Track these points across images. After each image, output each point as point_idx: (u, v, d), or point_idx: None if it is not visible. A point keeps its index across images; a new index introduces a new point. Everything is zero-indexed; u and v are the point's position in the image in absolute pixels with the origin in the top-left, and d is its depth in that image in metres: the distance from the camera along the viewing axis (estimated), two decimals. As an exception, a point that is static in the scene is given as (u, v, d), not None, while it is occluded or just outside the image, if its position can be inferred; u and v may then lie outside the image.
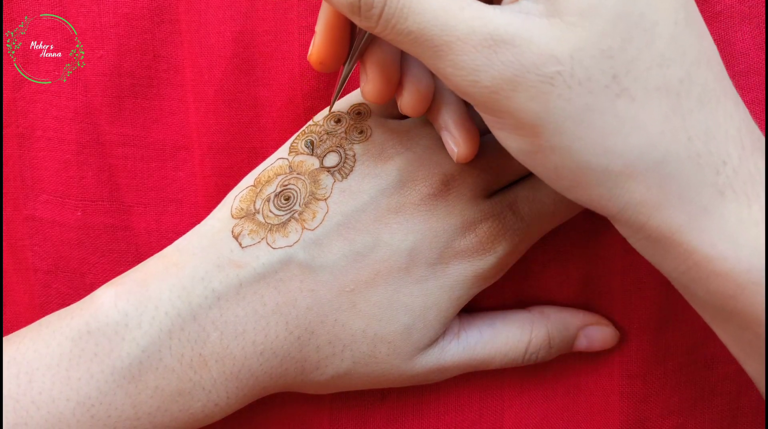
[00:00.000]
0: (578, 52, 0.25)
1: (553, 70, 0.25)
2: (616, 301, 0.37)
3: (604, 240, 0.37)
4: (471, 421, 0.38)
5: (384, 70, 0.31)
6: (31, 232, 0.37)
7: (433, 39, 0.26)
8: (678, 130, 0.26)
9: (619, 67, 0.25)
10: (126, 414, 0.30)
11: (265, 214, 0.32)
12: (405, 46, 0.27)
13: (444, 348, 0.34)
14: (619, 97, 0.25)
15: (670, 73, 0.26)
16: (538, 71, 0.25)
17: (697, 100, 0.26)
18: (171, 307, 0.31)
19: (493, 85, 0.26)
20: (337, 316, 0.32)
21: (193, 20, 0.36)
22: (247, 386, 0.32)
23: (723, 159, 0.26)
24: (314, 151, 0.33)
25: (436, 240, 0.32)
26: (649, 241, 0.27)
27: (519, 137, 0.27)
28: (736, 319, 0.27)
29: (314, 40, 0.31)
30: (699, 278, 0.26)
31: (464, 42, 0.25)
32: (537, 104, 0.25)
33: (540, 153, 0.27)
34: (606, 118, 0.25)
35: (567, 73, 0.25)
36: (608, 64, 0.25)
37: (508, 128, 0.27)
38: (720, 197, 0.26)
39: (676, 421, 0.37)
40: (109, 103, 0.36)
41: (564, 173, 0.27)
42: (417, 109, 0.31)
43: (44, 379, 0.30)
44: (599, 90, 0.25)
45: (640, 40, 0.25)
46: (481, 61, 0.25)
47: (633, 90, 0.25)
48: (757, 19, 0.35)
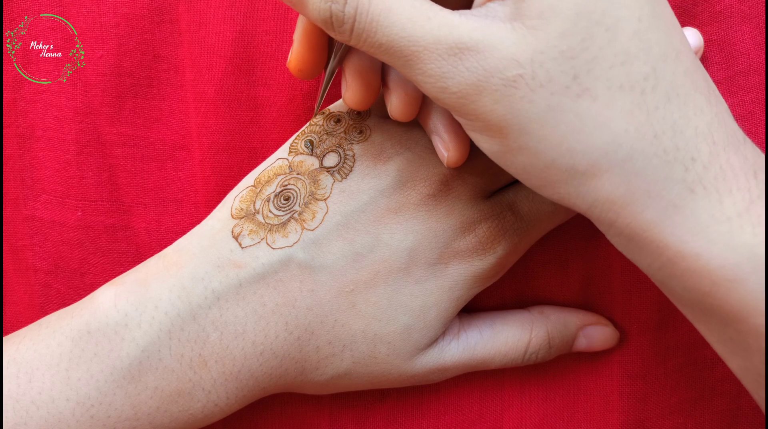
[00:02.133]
0: (538, 54, 0.25)
1: (514, 73, 0.26)
2: (616, 301, 0.37)
3: (604, 240, 0.37)
4: (471, 421, 0.38)
5: (363, 76, 0.31)
6: (31, 232, 0.37)
7: (402, 50, 0.27)
8: (643, 127, 0.26)
9: (580, 67, 0.25)
10: (125, 414, 0.30)
11: (265, 215, 0.32)
12: (378, 56, 0.28)
13: (444, 348, 0.34)
14: (580, 96, 0.26)
15: (633, 70, 0.26)
16: (500, 75, 0.26)
17: (664, 96, 0.26)
18: (171, 307, 0.31)
19: (460, 90, 0.26)
20: (337, 316, 0.32)
21: (193, 20, 0.36)
22: (247, 387, 0.32)
23: (692, 155, 0.26)
24: (314, 151, 0.33)
25: (435, 240, 0.32)
26: (621, 237, 0.27)
27: (489, 138, 0.27)
28: (715, 316, 0.27)
29: (293, 48, 0.32)
30: (674, 275, 0.27)
31: (431, 51, 0.26)
32: (502, 107, 0.26)
33: (509, 153, 0.27)
34: (569, 118, 0.26)
35: (528, 76, 0.26)
36: (569, 64, 0.25)
37: (478, 130, 0.28)
38: (690, 194, 0.26)
39: (676, 421, 0.37)
40: (109, 103, 0.36)
41: (533, 172, 0.27)
42: (406, 114, 0.32)
43: (44, 379, 0.30)
44: (560, 91, 0.26)
45: (601, 38, 0.25)
46: (447, 68, 0.26)
47: (594, 89, 0.26)
48: (757, 19, 0.35)
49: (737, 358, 0.28)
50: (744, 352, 0.27)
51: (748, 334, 0.26)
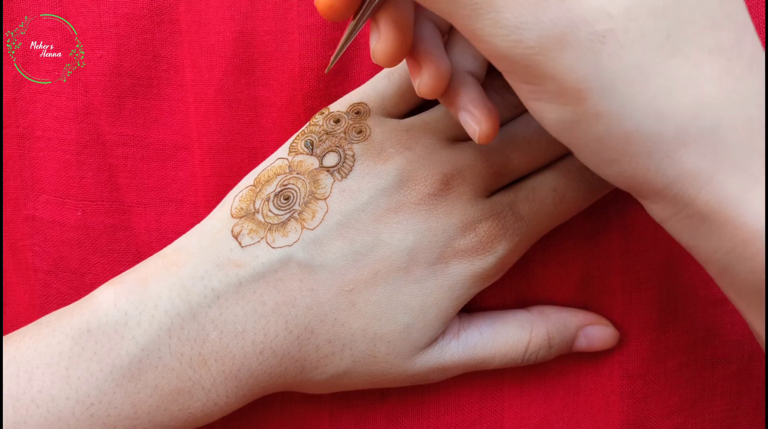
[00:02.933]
0: (633, 8, 0.23)
1: (605, 27, 0.23)
2: (616, 301, 0.37)
3: (604, 240, 0.37)
4: (471, 421, 0.38)
5: (400, 28, 0.28)
6: (31, 232, 0.37)
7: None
8: (731, 94, 0.24)
9: (673, 26, 0.24)
10: (125, 413, 0.30)
11: (265, 214, 0.32)
12: (440, 4, 0.25)
13: (444, 348, 0.34)
14: (672, 56, 0.24)
15: (722, 36, 0.24)
16: (589, 28, 0.23)
17: (747, 65, 0.25)
18: (170, 305, 0.31)
19: (539, 44, 0.24)
20: (337, 315, 0.32)
21: (193, 20, 0.36)
22: (247, 386, 0.32)
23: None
24: (314, 151, 0.33)
25: (435, 239, 0.32)
26: (693, 219, 0.26)
27: (560, 106, 0.25)
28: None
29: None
30: (745, 257, 0.25)
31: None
32: (585, 64, 0.24)
33: (583, 122, 0.25)
34: (658, 78, 0.24)
35: (620, 31, 0.23)
36: (663, 22, 0.24)
37: (548, 97, 0.25)
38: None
39: (676, 421, 0.37)
40: (109, 103, 0.36)
41: (609, 144, 0.25)
42: (435, 90, 0.30)
43: (44, 377, 0.30)
44: (653, 49, 0.24)
45: (693, 0, 0.24)
46: (526, 17, 0.23)
47: (687, 50, 0.24)
48: (756, 19, 0.35)
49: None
50: None
51: None
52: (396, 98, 0.34)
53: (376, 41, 0.29)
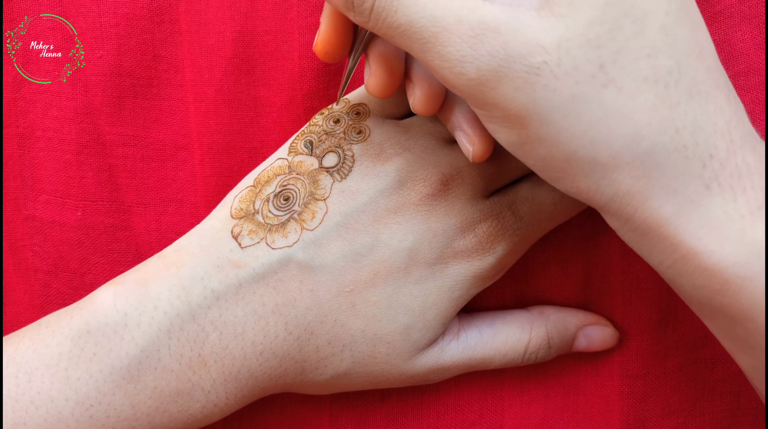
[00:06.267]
0: (565, 41, 0.25)
1: (539, 59, 0.25)
2: (616, 301, 0.37)
3: (604, 240, 0.37)
4: (471, 421, 0.38)
5: (387, 62, 0.30)
6: (31, 232, 0.37)
7: (420, 31, 0.26)
8: (665, 121, 0.26)
9: (607, 57, 0.25)
10: (125, 414, 0.30)
11: (265, 215, 0.32)
12: (396, 40, 0.27)
13: (443, 348, 0.34)
14: (605, 87, 0.25)
15: (658, 64, 0.25)
16: (524, 61, 0.25)
17: (686, 92, 0.26)
18: (170, 306, 0.31)
19: (479, 76, 0.25)
20: (337, 316, 0.32)
21: (193, 20, 0.36)
22: (247, 387, 0.32)
23: (710, 152, 0.26)
24: (313, 152, 0.33)
25: (435, 240, 0.32)
26: (636, 233, 0.27)
27: (507, 129, 0.27)
28: (724, 314, 0.27)
29: (320, 30, 0.31)
30: (685, 272, 0.26)
31: (450, 32, 0.25)
32: (523, 95, 0.25)
33: (528, 144, 0.27)
34: (592, 108, 0.25)
35: (553, 63, 0.25)
36: (595, 53, 0.25)
37: (496, 120, 0.27)
38: (706, 190, 0.26)
39: (676, 421, 0.37)
40: (109, 103, 0.36)
41: (552, 164, 0.27)
42: (429, 108, 0.31)
43: (43, 378, 0.30)
44: (586, 80, 0.25)
45: (629, 29, 0.25)
46: (466, 51, 0.25)
47: (620, 80, 0.25)
48: (757, 19, 0.35)
49: (745, 355, 0.28)
50: (752, 349, 0.27)
51: (756, 332, 0.26)
52: (395, 99, 0.34)
53: (368, 76, 0.31)
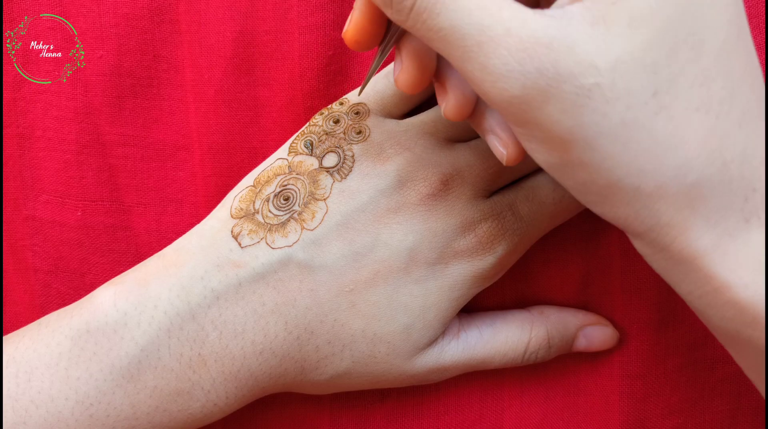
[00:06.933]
0: (621, 64, 0.23)
1: (591, 81, 0.23)
2: (616, 301, 0.37)
3: (604, 240, 0.37)
4: (471, 421, 0.38)
5: (420, 58, 0.29)
6: (31, 232, 0.37)
7: (464, 38, 0.24)
8: (714, 152, 0.24)
9: (661, 84, 0.24)
10: (124, 413, 0.30)
11: (265, 214, 0.32)
12: (434, 43, 0.25)
13: (443, 348, 0.34)
14: (657, 114, 0.24)
15: (712, 93, 0.24)
16: (575, 82, 0.23)
17: (737, 123, 0.25)
18: (170, 306, 0.31)
19: (524, 94, 0.24)
20: (337, 316, 0.32)
21: (193, 20, 0.36)
22: (246, 386, 0.32)
23: (754, 185, 0.25)
24: (313, 152, 0.33)
25: (435, 240, 0.32)
26: (669, 262, 0.26)
27: (547, 151, 0.25)
28: (754, 347, 0.26)
29: (351, 16, 0.29)
30: (716, 304, 0.26)
31: (497, 44, 0.24)
32: (570, 118, 0.24)
33: (568, 168, 0.25)
34: (642, 136, 0.24)
35: (606, 86, 0.23)
36: (650, 79, 0.24)
37: (535, 140, 0.25)
38: (745, 224, 0.25)
39: (676, 421, 0.37)
40: (109, 103, 0.36)
41: (592, 189, 0.26)
42: (461, 114, 0.29)
43: (43, 378, 0.30)
44: (638, 106, 0.24)
45: (685, 55, 0.24)
46: (513, 66, 0.23)
47: (672, 108, 0.24)
48: (756, 19, 0.35)
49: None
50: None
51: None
52: (395, 98, 0.34)
53: (398, 71, 0.29)
